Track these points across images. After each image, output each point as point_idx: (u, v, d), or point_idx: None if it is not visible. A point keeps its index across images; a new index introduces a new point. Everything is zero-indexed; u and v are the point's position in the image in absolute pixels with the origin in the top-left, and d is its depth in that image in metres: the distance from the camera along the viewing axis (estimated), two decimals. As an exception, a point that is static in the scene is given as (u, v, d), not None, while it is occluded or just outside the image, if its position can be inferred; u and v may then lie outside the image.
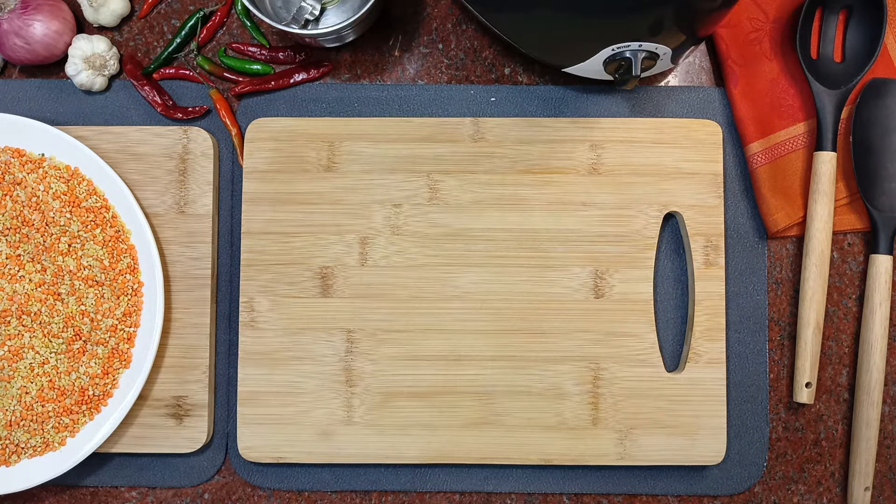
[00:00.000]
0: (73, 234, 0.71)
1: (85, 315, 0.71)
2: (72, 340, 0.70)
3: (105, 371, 0.71)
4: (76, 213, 0.71)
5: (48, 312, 0.70)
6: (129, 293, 0.71)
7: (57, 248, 0.71)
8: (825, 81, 0.73)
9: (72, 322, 0.70)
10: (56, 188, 0.71)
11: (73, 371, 0.70)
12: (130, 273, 0.71)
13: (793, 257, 0.75)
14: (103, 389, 0.71)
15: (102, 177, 0.72)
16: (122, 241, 0.72)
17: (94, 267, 0.71)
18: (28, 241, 0.71)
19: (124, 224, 0.72)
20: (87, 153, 0.71)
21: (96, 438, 0.70)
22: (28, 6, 0.72)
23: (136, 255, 0.71)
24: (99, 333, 0.71)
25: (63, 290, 0.71)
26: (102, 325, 0.71)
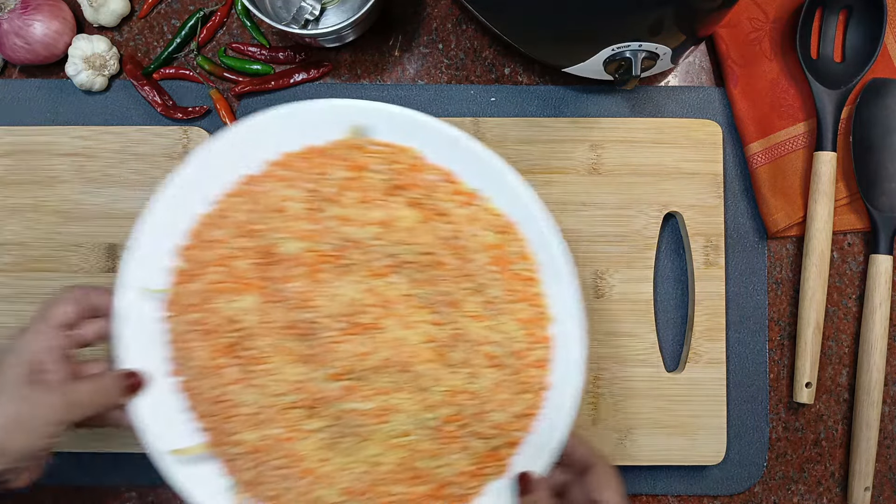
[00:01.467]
0: (489, 299, 0.57)
1: (474, 398, 0.56)
2: (447, 421, 0.56)
3: (474, 472, 0.57)
4: (502, 275, 0.57)
5: (431, 378, 0.56)
6: (533, 391, 0.57)
7: (464, 308, 0.57)
8: (825, 81, 0.73)
9: (454, 399, 0.56)
10: (486, 237, 0.58)
11: (437, 456, 0.56)
12: (540, 368, 0.57)
13: (793, 257, 0.75)
14: (465, 491, 0.57)
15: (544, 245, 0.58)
16: (540, 327, 0.58)
17: (503, 346, 0.57)
18: (431, 286, 0.57)
19: (547, 307, 0.58)
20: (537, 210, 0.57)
21: None
22: (28, 6, 0.72)
23: (550, 350, 0.58)
24: (482, 426, 0.56)
25: (455, 358, 0.56)
26: (490, 417, 0.56)
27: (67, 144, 0.74)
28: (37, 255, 0.73)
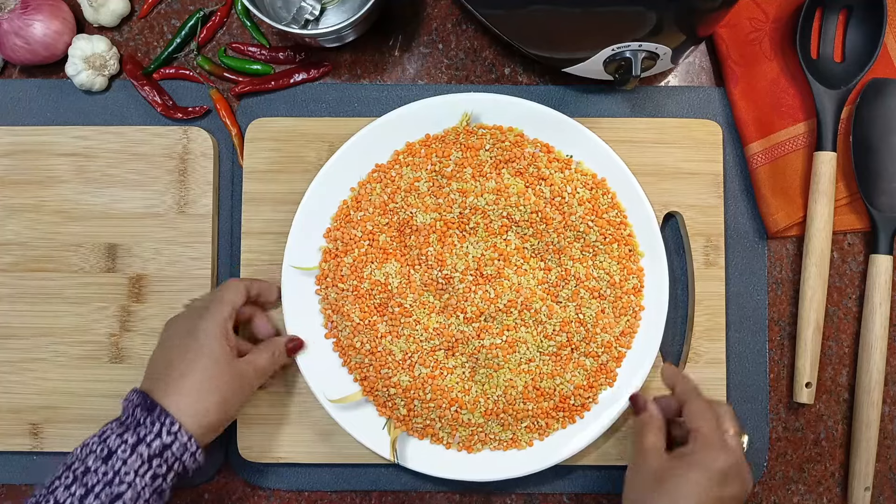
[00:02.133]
0: (588, 243, 0.70)
1: (581, 325, 0.69)
2: (562, 346, 0.69)
3: (589, 384, 0.69)
4: (597, 223, 0.70)
5: (546, 313, 0.69)
6: (630, 314, 0.70)
7: (569, 253, 0.70)
8: (825, 81, 0.73)
9: (567, 328, 0.69)
10: (581, 194, 0.70)
11: (557, 376, 0.69)
12: (635, 294, 0.70)
13: (793, 257, 0.75)
14: (583, 401, 0.69)
15: (630, 194, 0.70)
16: (633, 262, 0.70)
17: (602, 280, 0.69)
18: (540, 239, 0.70)
19: (638, 245, 0.70)
20: (620, 167, 0.70)
21: (566, 449, 0.69)
22: (28, 6, 0.72)
23: (643, 278, 0.70)
24: (591, 346, 0.69)
25: (564, 294, 0.69)
26: (598, 338, 0.69)
27: (67, 144, 0.74)
28: (37, 255, 0.73)
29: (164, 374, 0.59)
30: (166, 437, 0.55)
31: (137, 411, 0.56)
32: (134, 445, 0.54)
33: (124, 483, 0.53)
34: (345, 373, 0.71)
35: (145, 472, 0.54)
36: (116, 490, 0.53)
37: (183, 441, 0.56)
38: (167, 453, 0.55)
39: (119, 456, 0.54)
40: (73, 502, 0.52)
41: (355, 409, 0.70)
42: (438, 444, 0.70)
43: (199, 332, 0.61)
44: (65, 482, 0.53)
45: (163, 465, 0.55)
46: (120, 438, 0.55)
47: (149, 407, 0.56)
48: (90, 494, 0.52)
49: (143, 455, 0.54)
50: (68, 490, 0.52)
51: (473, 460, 0.70)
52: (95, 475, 0.53)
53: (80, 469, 0.54)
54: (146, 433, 0.55)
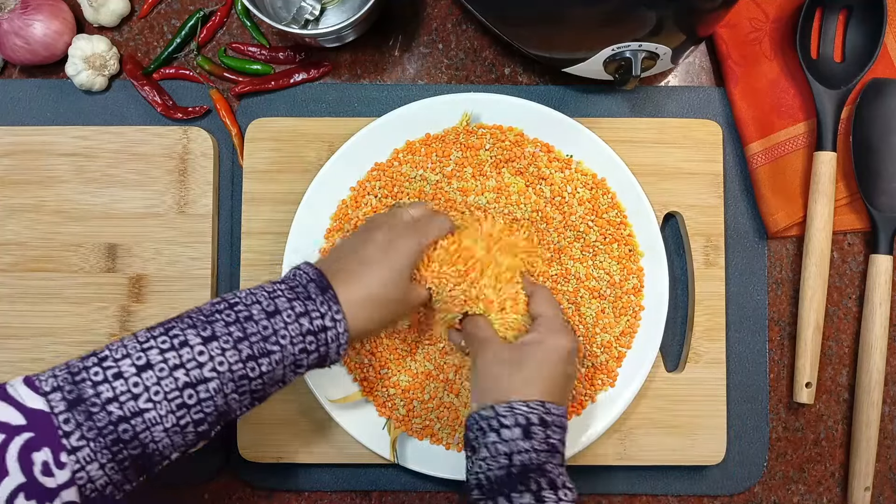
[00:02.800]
0: (588, 243, 0.70)
1: (581, 324, 0.70)
2: None
3: (589, 383, 0.70)
4: (597, 223, 0.70)
5: None
6: (630, 314, 0.70)
7: (569, 253, 0.70)
8: (825, 81, 0.73)
9: None
10: (581, 194, 0.70)
11: None
12: (635, 294, 0.70)
13: (793, 257, 0.75)
14: (580, 400, 0.70)
15: (630, 194, 0.70)
16: (633, 262, 0.70)
17: (602, 280, 0.70)
18: (541, 238, 0.70)
19: (638, 245, 0.71)
20: (621, 167, 0.70)
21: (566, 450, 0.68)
22: (28, 6, 0.72)
23: (642, 278, 0.70)
24: (592, 346, 0.70)
25: (564, 294, 0.70)
26: (597, 339, 0.70)
27: (67, 144, 0.74)
28: (37, 255, 0.73)
29: (346, 264, 0.59)
30: (328, 320, 0.55)
31: (311, 286, 0.56)
32: (299, 315, 0.54)
33: (278, 344, 0.53)
34: (345, 373, 0.71)
35: (298, 342, 0.54)
36: (269, 347, 0.53)
37: (339, 331, 0.55)
38: (322, 336, 0.55)
39: (283, 318, 0.54)
40: (229, 341, 0.52)
41: (355, 409, 0.70)
42: (438, 444, 0.70)
43: (400, 246, 0.60)
44: (225, 318, 0.53)
45: (314, 343, 0.55)
46: (289, 303, 0.54)
47: (322, 287, 0.56)
48: (245, 341, 0.52)
49: (304, 327, 0.54)
50: (227, 328, 0.52)
51: None
52: (256, 325, 0.53)
53: (243, 314, 0.53)
54: (313, 308, 0.55)
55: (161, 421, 0.49)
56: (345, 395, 0.70)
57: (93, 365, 0.50)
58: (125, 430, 0.49)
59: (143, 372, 0.49)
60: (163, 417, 0.49)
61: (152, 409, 0.49)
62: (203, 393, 0.51)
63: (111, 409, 0.48)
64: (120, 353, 0.50)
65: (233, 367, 0.52)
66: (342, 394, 0.70)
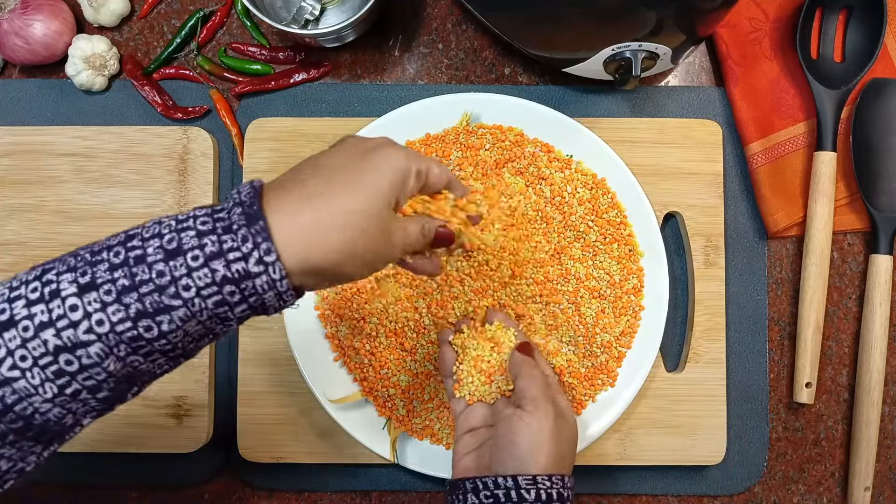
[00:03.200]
0: (588, 243, 0.70)
1: (581, 324, 0.70)
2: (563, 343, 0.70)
3: (589, 383, 0.70)
4: (597, 223, 0.70)
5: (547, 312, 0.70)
6: (630, 314, 0.70)
7: (569, 253, 0.70)
8: (825, 81, 0.73)
9: (567, 326, 0.70)
10: (582, 194, 0.70)
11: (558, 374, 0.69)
12: (635, 294, 0.70)
13: (793, 257, 0.75)
14: (580, 400, 0.70)
15: (630, 194, 0.70)
16: (633, 262, 0.70)
17: (602, 280, 0.70)
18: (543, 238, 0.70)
19: (638, 245, 0.71)
20: (621, 167, 0.70)
21: None
22: (28, 6, 0.72)
23: (642, 278, 0.70)
24: (591, 346, 0.70)
25: (564, 294, 0.70)
26: (597, 339, 0.70)
27: (67, 144, 0.74)
28: (37, 255, 0.73)
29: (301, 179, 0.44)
30: (253, 265, 0.40)
31: (236, 212, 0.41)
32: (210, 257, 0.40)
33: (179, 297, 0.40)
34: (345, 373, 0.71)
35: (211, 294, 0.40)
36: (167, 301, 0.40)
37: (272, 277, 0.41)
38: (246, 284, 0.41)
39: (187, 261, 0.40)
40: (111, 292, 0.39)
41: (355, 409, 0.70)
42: (438, 444, 0.70)
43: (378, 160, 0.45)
44: (112, 259, 0.41)
45: (236, 294, 0.41)
46: (198, 238, 0.40)
47: (250, 215, 0.41)
48: (133, 292, 0.39)
49: (217, 275, 0.40)
50: (111, 272, 0.40)
51: None
52: (149, 271, 0.40)
53: (136, 252, 0.40)
54: (230, 248, 0.40)
55: (37, 391, 0.39)
56: (345, 395, 0.70)
57: None
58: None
59: (4, 331, 0.39)
60: (37, 387, 0.39)
61: (20, 377, 0.39)
62: (85, 359, 0.40)
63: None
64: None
65: (117, 328, 0.39)
66: (342, 394, 0.70)
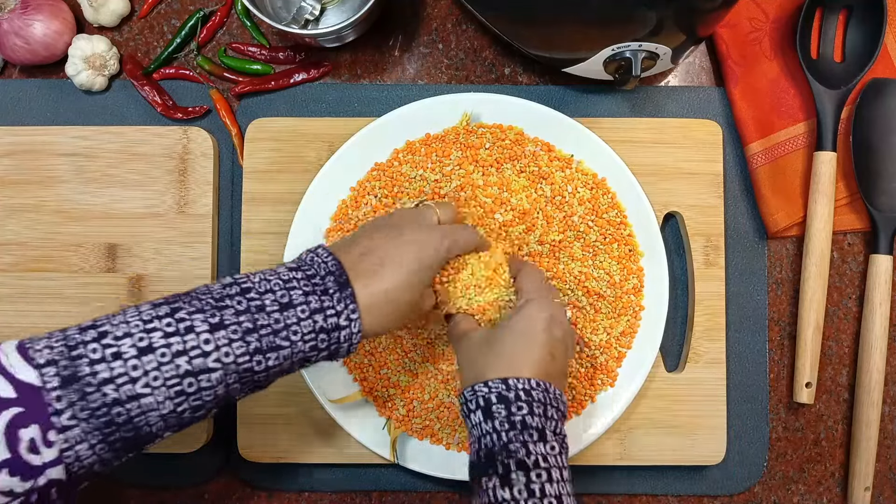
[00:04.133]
0: (589, 243, 0.70)
1: (576, 324, 0.70)
2: None
3: (589, 383, 0.70)
4: (598, 223, 0.70)
5: None
6: (630, 314, 0.70)
7: (569, 252, 0.70)
8: (825, 81, 0.73)
9: None
10: (582, 194, 0.70)
11: None
12: (635, 294, 0.70)
13: (793, 257, 0.75)
14: (580, 400, 0.70)
15: (630, 194, 0.70)
16: (633, 262, 0.70)
17: (602, 280, 0.70)
18: (541, 238, 0.70)
19: (638, 245, 0.71)
20: (621, 167, 0.70)
21: None
22: (28, 6, 0.72)
23: (642, 278, 0.70)
24: (591, 347, 0.70)
25: (564, 293, 0.70)
26: (595, 338, 0.70)
27: (67, 144, 0.74)
28: (37, 255, 0.73)
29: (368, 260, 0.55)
30: (344, 319, 0.52)
31: (330, 280, 0.53)
32: (314, 311, 0.51)
33: (289, 340, 0.51)
34: (345, 373, 0.71)
35: (310, 339, 0.51)
36: (279, 342, 0.50)
37: (353, 331, 0.53)
38: (335, 334, 0.52)
39: (297, 313, 0.51)
40: (237, 331, 0.49)
41: (355, 409, 0.70)
42: (438, 444, 0.70)
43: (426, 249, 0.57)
44: (236, 305, 0.50)
45: (325, 342, 0.52)
46: (304, 297, 0.52)
47: (341, 283, 0.53)
48: (255, 333, 0.50)
49: (317, 325, 0.51)
50: (237, 317, 0.50)
51: None
52: (268, 318, 0.50)
53: (255, 303, 0.51)
54: (329, 305, 0.52)
55: (158, 407, 0.47)
56: (345, 395, 0.70)
57: (91, 340, 0.47)
58: (119, 413, 0.46)
59: (143, 355, 0.47)
60: (160, 404, 0.47)
61: (150, 394, 0.47)
62: (204, 382, 0.48)
63: (107, 391, 0.46)
64: (121, 331, 0.48)
65: (238, 360, 0.49)
66: (342, 394, 0.70)
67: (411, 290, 0.56)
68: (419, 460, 0.70)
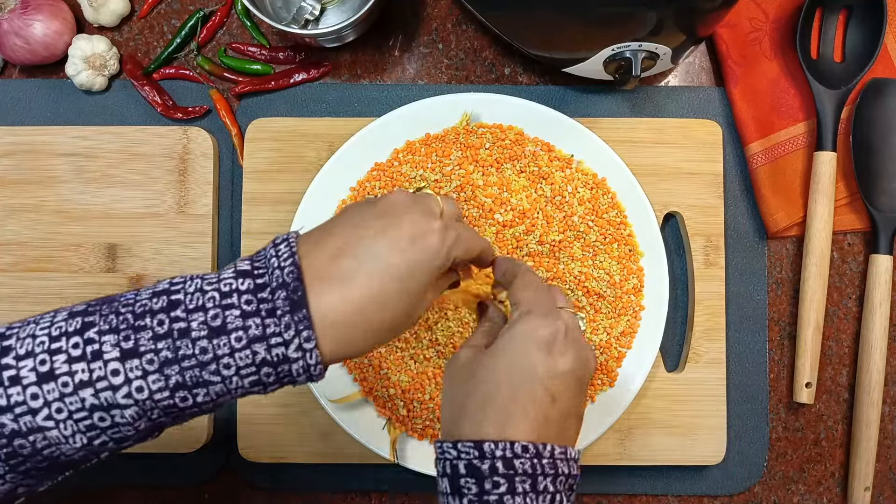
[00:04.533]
0: (589, 243, 0.70)
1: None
2: None
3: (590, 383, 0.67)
4: (598, 223, 0.70)
5: None
6: (630, 314, 0.70)
7: (569, 252, 0.70)
8: (825, 81, 0.73)
9: None
10: (582, 193, 0.70)
11: None
12: (635, 294, 0.70)
13: (793, 257, 0.75)
14: None
15: (630, 194, 0.70)
16: (633, 262, 0.70)
17: (602, 280, 0.70)
18: (541, 238, 0.70)
19: (638, 245, 0.71)
20: (621, 167, 0.70)
21: None
22: (28, 6, 0.72)
23: (642, 278, 0.70)
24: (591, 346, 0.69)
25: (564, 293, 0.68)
26: (595, 338, 0.70)
27: (67, 144, 0.74)
28: (37, 255, 0.73)
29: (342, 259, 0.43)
30: (293, 351, 0.41)
31: (280, 296, 0.42)
32: (253, 339, 0.41)
33: (219, 375, 0.41)
34: (345, 373, 0.71)
35: (248, 374, 0.41)
36: (206, 378, 0.41)
37: (308, 363, 0.42)
38: (283, 367, 0.42)
39: (230, 341, 0.41)
40: (153, 361, 0.40)
41: (355, 409, 0.70)
42: None
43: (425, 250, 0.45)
44: (156, 328, 0.41)
45: (272, 375, 0.42)
46: (243, 319, 0.41)
47: (294, 301, 0.41)
48: (174, 365, 0.40)
49: (257, 357, 0.41)
50: (155, 342, 0.41)
51: None
52: (192, 346, 0.41)
53: (180, 324, 0.41)
54: (273, 333, 0.41)
55: (67, 441, 0.41)
56: (345, 395, 0.70)
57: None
58: (22, 445, 0.40)
59: (44, 382, 0.40)
60: (69, 438, 0.41)
61: (54, 427, 0.40)
62: (119, 417, 0.41)
63: (3, 421, 0.40)
64: (24, 349, 0.41)
65: (155, 396, 0.41)
66: (342, 394, 0.70)
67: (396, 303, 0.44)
68: (419, 460, 0.70)
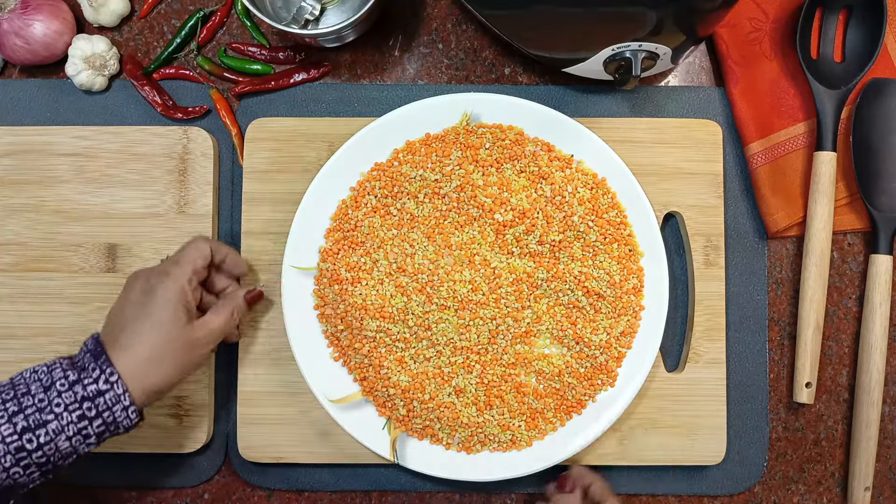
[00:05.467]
0: (588, 243, 0.70)
1: (576, 324, 0.70)
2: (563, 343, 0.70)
3: (589, 383, 0.70)
4: (598, 223, 0.70)
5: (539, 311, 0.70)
6: (630, 314, 0.70)
7: (569, 253, 0.70)
8: (825, 81, 0.73)
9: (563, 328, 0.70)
10: (582, 194, 0.70)
11: (556, 376, 0.70)
12: (635, 294, 0.70)
13: (793, 257, 0.75)
14: (579, 400, 0.70)
15: (630, 194, 0.70)
16: (633, 262, 0.70)
17: (602, 280, 0.70)
18: (541, 238, 0.70)
19: (638, 245, 0.70)
20: (621, 167, 0.70)
21: (566, 449, 0.69)
22: (28, 6, 0.72)
23: (642, 278, 0.70)
24: (591, 347, 0.70)
25: (564, 293, 0.70)
26: (595, 338, 0.70)
27: (67, 144, 0.74)
28: (37, 255, 0.73)
29: (118, 330, 0.61)
30: (102, 384, 0.57)
31: (87, 357, 0.59)
32: (73, 383, 0.57)
33: (52, 412, 0.56)
34: (345, 373, 0.71)
35: (74, 408, 0.56)
36: (44, 417, 0.56)
37: (117, 392, 0.57)
38: (99, 400, 0.57)
39: (57, 388, 0.56)
40: (4, 415, 0.55)
41: (355, 409, 0.70)
42: (438, 444, 0.70)
43: (157, 296, 0.62)
44: (4, 396, 0.56)
45: (93, 408, 0.57)
46: (63, 374, 0.57)
47: (96, 354, 0.58)
48: (21, 413, 0.55)
49: (78, 395, 0.56)
50: (4, 404, 0.56)
51: (473, 460, 0.70)
52: (32, 399, 0.56)
53: (22, 390, 0.57)
54: (86, 376, 0.57)
55: None
56: (345, 395, 0.70)
57: None
58: None
59: None
60: None
61: None
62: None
63: None
64: None
65: (6, 440, 0.55)
66: (342, 394, 0.70)
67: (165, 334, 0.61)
68: (419, 460, 0.70)
